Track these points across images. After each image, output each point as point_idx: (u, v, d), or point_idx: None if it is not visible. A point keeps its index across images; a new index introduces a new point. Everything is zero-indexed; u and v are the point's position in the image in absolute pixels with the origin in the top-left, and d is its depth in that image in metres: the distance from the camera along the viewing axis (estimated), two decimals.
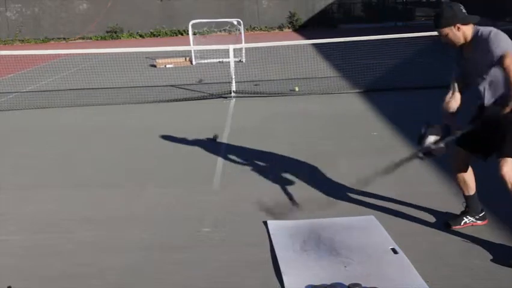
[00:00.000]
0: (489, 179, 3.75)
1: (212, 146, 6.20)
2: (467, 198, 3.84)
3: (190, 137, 6.58)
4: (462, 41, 3.49)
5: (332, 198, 4.47)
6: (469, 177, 3.78)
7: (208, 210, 4.38)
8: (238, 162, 5.56)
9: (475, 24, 3.48)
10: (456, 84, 3.60)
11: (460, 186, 3.84)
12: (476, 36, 3.45)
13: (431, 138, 3.58)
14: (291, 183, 4.88)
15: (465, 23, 3.45)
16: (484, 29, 3.42)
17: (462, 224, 3.78)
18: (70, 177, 5.43)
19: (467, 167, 3.77)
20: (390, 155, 5.60)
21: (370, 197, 4.45)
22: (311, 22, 25.61)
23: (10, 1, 24.96)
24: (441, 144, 3.56)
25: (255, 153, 5.85)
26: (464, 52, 3.57)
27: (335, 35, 11.34)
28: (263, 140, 6.39)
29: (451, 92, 3.59)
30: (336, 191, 4.64)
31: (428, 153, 3.63)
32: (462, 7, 3.48)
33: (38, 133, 7.47)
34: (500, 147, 3.43)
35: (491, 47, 3.31)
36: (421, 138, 3.63)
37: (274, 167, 5.35)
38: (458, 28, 3.44)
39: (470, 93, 3.65)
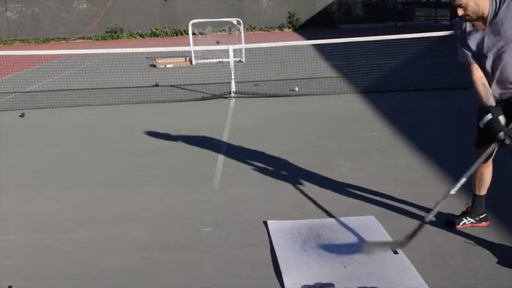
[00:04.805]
0: None
1: (212, 145, 6.20)
2: (475, 197, 3.78)
3: (190, 137, 6.58)
4: (480, 14, 3.21)
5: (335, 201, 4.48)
6: (487, 175, 3.70)
7: (208, 210, 4.38)
8: (238, 162, 5.56)
9: None
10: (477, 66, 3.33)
11: (474, 183, 3.73)
12: (492, 9, 3.21)
13: (503, 120, 3.19)
14: (291, 183, 4.88)
15: None
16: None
17: (461, 224, 3.77)
18: (70, 177, 5.43)
19: (490, 162, 3.64)
20: (390, 155, 5.64)
21: (370, 196, 4.46)
22: (311, 22, 25.64)
23: (10, 1, 24.98)
24: None
25: (255, 153, 5.85)
26: (478, 30, 3.30)
27: (335, 35, 11.36)
28: (263, 140, 6.40)
29: (477, 75, 3.32)
30: (336, 191, 4.64)
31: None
32: None
33: (38, 133, 7.47)
34: None
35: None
36: (493, 124, 3.19)
37: (274, 167, 5.35)
38: None
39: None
